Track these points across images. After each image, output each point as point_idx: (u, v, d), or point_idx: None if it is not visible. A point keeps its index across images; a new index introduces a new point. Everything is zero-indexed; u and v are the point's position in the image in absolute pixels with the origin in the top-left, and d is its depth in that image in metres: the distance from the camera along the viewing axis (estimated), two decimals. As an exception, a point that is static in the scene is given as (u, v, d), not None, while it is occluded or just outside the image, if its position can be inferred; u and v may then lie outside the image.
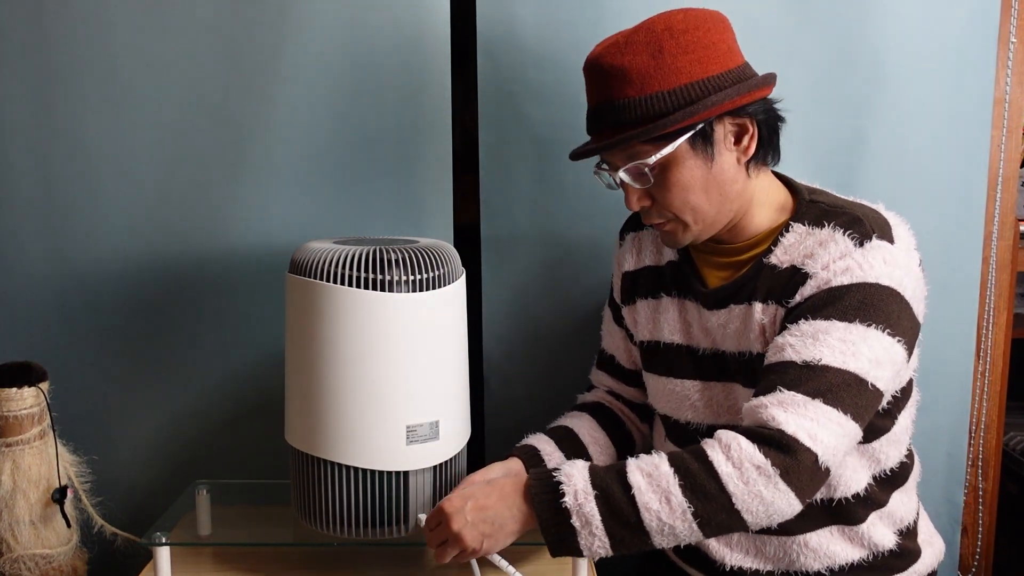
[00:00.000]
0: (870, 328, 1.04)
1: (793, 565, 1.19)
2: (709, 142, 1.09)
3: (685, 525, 0.99)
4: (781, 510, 1.00)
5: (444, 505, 1.06)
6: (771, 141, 1.14)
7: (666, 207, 1.13)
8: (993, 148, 1.52)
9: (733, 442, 1.00)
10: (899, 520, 1.22)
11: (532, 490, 1.04)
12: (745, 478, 0.98)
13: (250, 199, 1.47)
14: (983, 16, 1.46)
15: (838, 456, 1.02)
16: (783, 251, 1.12)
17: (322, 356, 1.13)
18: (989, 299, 1.58)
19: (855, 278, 1.06)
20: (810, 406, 1.01)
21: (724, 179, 1.11)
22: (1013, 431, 2.00)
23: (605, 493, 1.01)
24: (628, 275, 1.32)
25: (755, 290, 1.13)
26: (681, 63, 1.06)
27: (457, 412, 1.21)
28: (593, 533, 1.00)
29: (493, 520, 1.04)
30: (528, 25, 1.45)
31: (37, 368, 1.26)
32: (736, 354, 1.16)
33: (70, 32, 1.43)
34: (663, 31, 1.07)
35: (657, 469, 1.01)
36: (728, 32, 1.11)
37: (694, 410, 1.22)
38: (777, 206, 1.17)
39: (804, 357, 1.03)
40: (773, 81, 1.13)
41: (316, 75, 1.44)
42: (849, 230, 1.08)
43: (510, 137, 1.49)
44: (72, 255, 1.48)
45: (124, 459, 1.53)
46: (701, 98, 1.06)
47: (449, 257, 1.18)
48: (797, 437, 0.99)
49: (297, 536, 1.30)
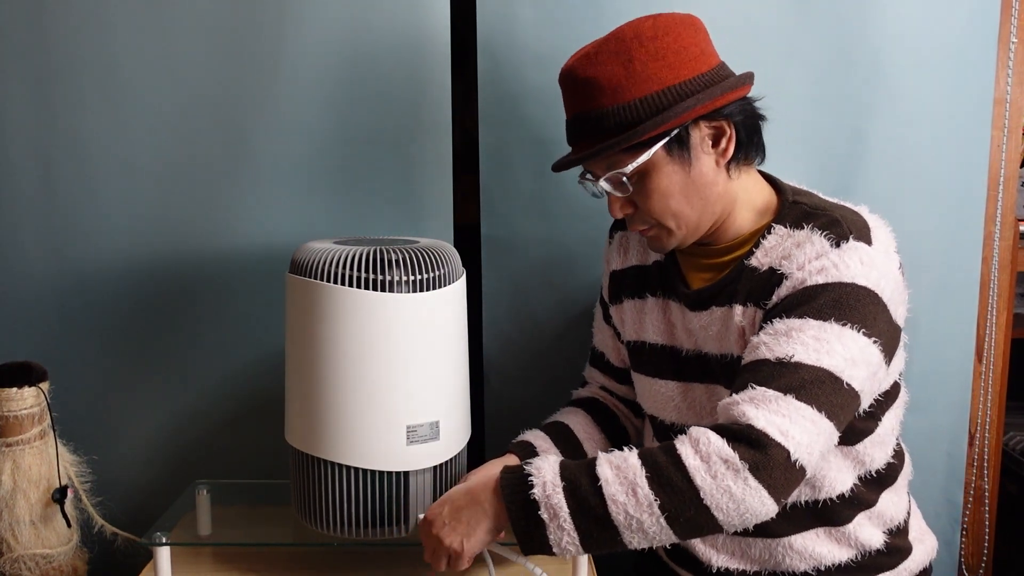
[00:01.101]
0: (845, 327, 1.03)
1: (779, 567, 1.19)
2: (686, 147, 1.09)
3: (653, 520, 0.97)
4: (753, 508, 0.96)
5: (428, 512, 1.07)
6: (752, 141, 1.13)
7: (648, 214, 1.13)
8: (993, 148, 1.52)
9: (702, 436, 0.98)
10: (889, 520, 1.22)
11: (502, 483, 1.03)
12: (713, 472, 0.96)
13: (250, 199, 1.47)
14: (983, 16, 1.46)
15: (813, 454, 0.99)
16: (763, 253, 1.12)
17: (322, 356, 1.13)
18: (989, 299, 1.58)
19: (831, 278, 1.04)
20: (782, 402, 0.99)
21: (704, 183, 1.11)
22: (1013, 431, 2.00)
23: (573, 485, 0.99)
24: (616, 274, 1.32)
25: (736, 292, 1.13)
26: (651, 70, 1.06)
27: (457, 412, 1.21)
28: (561, 527, 0.98)
29: (468, 519, 1.03)
30: (528, 25, 1.45)
31: (37, 368, 1.26)
32: (718, 356, 1.16)
33: (70, 32, 1.43)
34: (632, 39, 1.07)
35: (626, 462, 0.99)
36: (700, 34, 1.10)
37: (678, 411, 1.22)
38: (761, 207, 1.16)
39: (777, 354, 1.02)
40: (750, 80, 1.12)
41: (316, 75, 1.44)
42: (826, 231, 1.07)
43: (510, 137, 1.49)
44: (72, 255, 1.48)
45: (124, 459, 1.53)
46: (673, 104, 1.06)
47: (449, 257, 1.18)
48: (767, 432, 0.96)
49: (297, 536, 1.30)
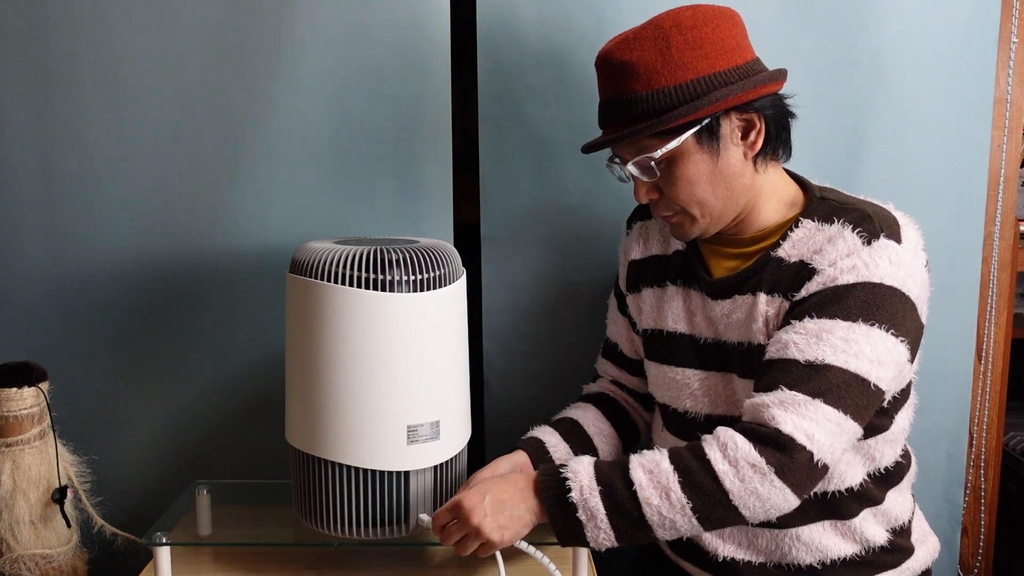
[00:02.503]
0: (873, 327, 1.05)
1: (785, 558, 1.20)
2: (715, 137, 1.11)
3: (685, 519, 1.03)
4: (778, 505, 1.03)
5: (463, 500, 1.07)
6: (779, 136, 1.16)
7: (673, 200, 1.15)
8: (993, 148, 1.52)
9: (730, 441, 1.03)
10: (893, 519, 1.23)
11: (541, 485, 1.07)
12: (741, 475, 1.01)
13: (250, 199, 1.47)
14: (983, 16, 1.46)
15: (836, 453, 1.04)
16: (791, 245, 1.13)
17: (323, 356, 1.13)
18: (989, 299, 1.58)
19: (860, 277, 1.07)
20: (810, 406, 1.02)
21: (730, 173, 1.13)
22: (1013, 431, 2.00)
23: (609, 489, 1.04)
24: (635, 263, 1.32)
25: (761, 282, 1.14)
26: (687, 58, 1.08)
27: (457, 412, 1.21)
28: (598, 526, 1.04)
29: (511, 513, 1.06)
30: (528, 25, 1.45)
31: (37, 368, 1.26)
32: (737, 344, 1.17)
33: (70, 32, 1.42)
34: (671, 27, 1.09)
35: (658, 466, 1.04)
36: (738, 28, 1.12)
37: (693, 399, 1.23)
38: (787, 201, 1.18)
39: (807, 356, 1.05)
40: (783, 77, 1.14)
41: (316, 75, 1.44)
42: (858, 227, 1.09)
43: (510, 137, 1.49)
44: (72, 255, 1.48)
45: (124, 459, 1.53)
46: (706, 93, 1.08)
47: (450, 257, 1.18)
48: (794, 437, 1.01)
49: (297, 536, 1.30)
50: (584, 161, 1.47)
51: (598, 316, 1.45)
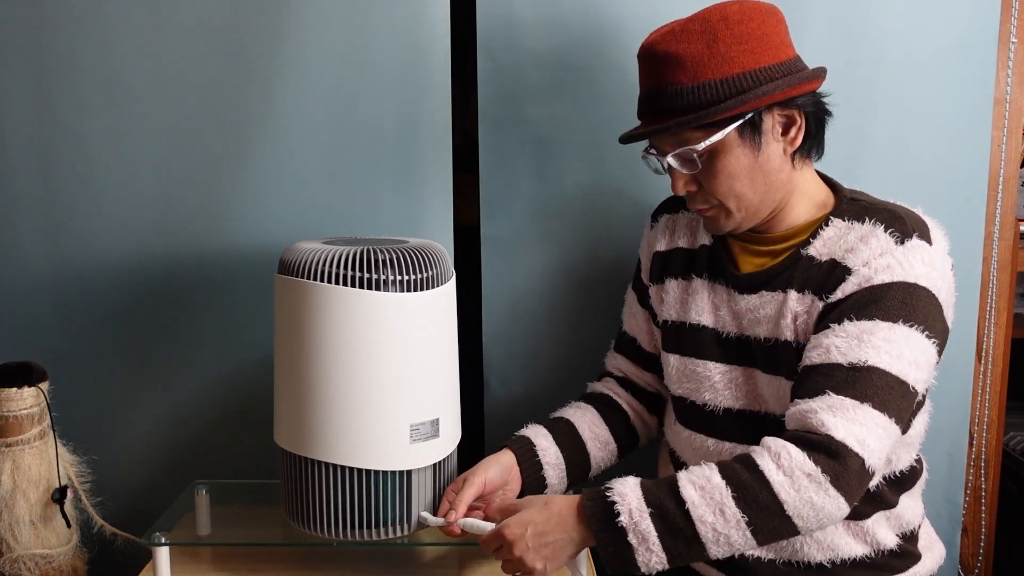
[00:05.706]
0: (912, 328, 1.06)
1: (796, 555, 1.19)
2: (757, 131, 1.11)
3: (740, 534, 1.01)
4: (831, 514, 1.02)
5: (504, 532, 1.06)
6: (817, 134, 1.17)
7: (712, 193, 1.15)
8: (993, 148, 1.52)
9: (783, 451, 1.02)
10: (904, 523, 1.23)
11: (587, 511, 1.05)
12: (797, 486, 1.00)
13: (250, 199, 1.47)
14: (983, 16, 1.46)
15: (882, 459, 1.04)
16: (822, 243, 1.14)
17: (314, 357, 1.12)
18: (989, 299, 1.58)
19: (895, 276, 1.07)
20: (859, 411, 1.02)
21: (770, 168, 1.13)
22: (1013, 431, 2.00)
23: (660, 510, 1.02)
24: (659, 255, 1.32)
25: (791, 279, 1.14)
26: (734, 53, 1.09)
27: (452, 410, 1.22)
28: (650, 549, 1.02)
29: (553, 544, 1.05)
30: (528, 25, 1.45)
31: (37, 368, 1.26)
32: (762, 340, 1.17)
33: (70, 32, 1.43)
34: (718, 20, 1.09)
35: (709, 481, 1.02)
36: (781, 25, 1.13)
37: (713, 391, 1.23)
38: (818, 201, 1.19)
39: (850, 359, 1.05)
40: (823, 75, 1.15)
41: (316, 75, 1.44)
42: (890, 227, 1.10)
43: (510, 137, 1.49)
44: (72, 255, 1.48)
45: (124, 459, 1.53)
46: (752, 88, 1.09)
47: (440, 258, 1.17)
48: (847, 443, 1.00)
49: (297, 536, 1.29)
50: (584, 161, 1.47)
51: (598, 316, 1.45)
